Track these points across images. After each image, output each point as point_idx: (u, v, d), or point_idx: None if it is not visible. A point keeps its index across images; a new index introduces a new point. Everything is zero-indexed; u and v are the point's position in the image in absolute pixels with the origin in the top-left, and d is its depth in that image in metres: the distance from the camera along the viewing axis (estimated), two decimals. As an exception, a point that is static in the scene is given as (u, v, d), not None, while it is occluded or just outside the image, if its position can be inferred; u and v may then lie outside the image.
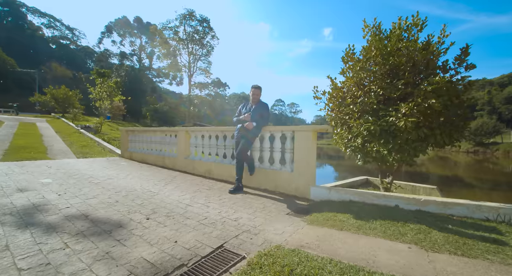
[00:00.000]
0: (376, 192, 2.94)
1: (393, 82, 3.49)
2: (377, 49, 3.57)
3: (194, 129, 5.23)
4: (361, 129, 3.42)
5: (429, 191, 5.35)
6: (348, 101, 3.76)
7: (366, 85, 3.87)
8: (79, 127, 14.06)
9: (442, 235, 2.05)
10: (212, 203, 2.98)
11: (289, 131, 3.67)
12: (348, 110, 3.77)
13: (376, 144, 3.42)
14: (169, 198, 3.10)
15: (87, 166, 5.32)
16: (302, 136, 3.46)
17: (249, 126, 3.60)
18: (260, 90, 3.80)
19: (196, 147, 5.13)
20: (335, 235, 2.11)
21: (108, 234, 1.96)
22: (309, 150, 3.39)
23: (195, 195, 3.29)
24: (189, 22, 47.89)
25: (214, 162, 4.65)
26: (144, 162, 6.40)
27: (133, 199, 3.01)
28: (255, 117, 3.66)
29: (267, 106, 3.89)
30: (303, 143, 3.45)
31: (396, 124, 3.18)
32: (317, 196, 3.27)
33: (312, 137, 3.38)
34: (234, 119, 3.93)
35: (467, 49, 3.19)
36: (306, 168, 3.41)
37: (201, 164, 4.89)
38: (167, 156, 5.72)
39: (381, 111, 3.48)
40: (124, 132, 7.29)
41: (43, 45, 58.12)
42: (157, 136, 6.21)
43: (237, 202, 3.05)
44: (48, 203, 2.66)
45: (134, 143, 6.98)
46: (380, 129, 3.28)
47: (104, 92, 22.42)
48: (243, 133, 3.71)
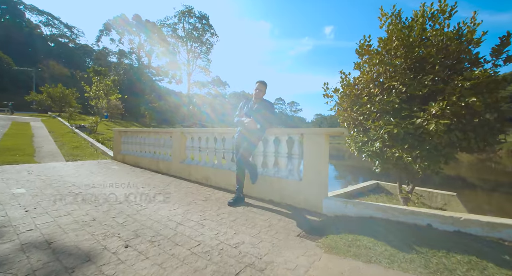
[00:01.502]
0: (401, 208, 2.48)
1: (417, 78, 3.01)
2: (398, 39, 3.08)
3: (190, 131, 4.76)
4: (381, 132, 2.95)
5: (448, 198, 4.89)
6: (364, 99, 3.28)
7: (383, 81, 3.40)
8: (73, 127, 13.57)
9: (502, 271, 1.59)
10: (208, 220, 2.52)
11: (297, 134, 3.20)
12: (365, 109, 3.30)
13: (399, 149, 2.94)
14: (157, 214, 2.64)
15: (73, 171, 4.85)
16: (313, 140, 3.00)
17: (251, 125, 3.13)
18: (266, 86, 3.33)
19: (192, 151, 4.67)
20: (364, 271, 1.65)
21: (69, 274, 1.50)
22: (321, 156, 2.93)
23: (188, 210, 2.82)
24: (187, 19, 47.24)
25: (212, 168, 4.19)
26: (137, 165, 5.94)
27: (114, 215, 2.54)
28: (258, 117, 3.20)
29: (272, 104, 3.41)
30: (314, 147, 2.99)
31: (424, 126, 2.71)
32: (331, 210, 2.81)
33: (324, 141, 2.92)
34: (234, 120, 3.46)
35: (509, 37, 2.71)
36: (317, 177, 2.95)
37: (197, 170, 4.43)
38: (161, 160, 5.25)
39: (403, 111, 3.01)
40: (116, 133, 6.82)
41: (41, 43, 57.47)
42: (150, 138, 5.74)
43: (238, 219, 2.58)
44: (7, 224, 2.19)
45: (127, 144, 6.51)
46: (404, 132, 2.80)
47: (101, 90, 21.88)
48: (245, 135, 3.24)
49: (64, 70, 46.98)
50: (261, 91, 3.28)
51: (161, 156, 5.38)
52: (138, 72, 46.11)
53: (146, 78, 47.88)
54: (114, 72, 37.67)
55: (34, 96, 24.80)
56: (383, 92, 3.34)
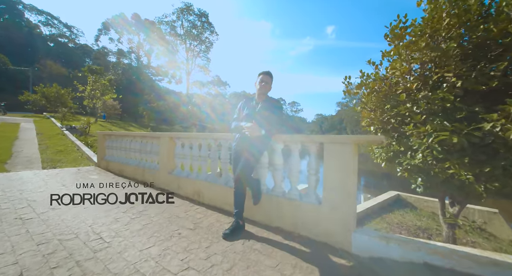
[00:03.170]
0: (475, 253, 1.69)
1: (478, 68, 2.23)
2: (452, 16, 2.30)
3: (180, 136, 3.98)
4: (431, 140, 2.16)
5: (487, 215, 4.09)
6: (402, 97, 2.50)
7: (428, 74, 2.61)
8: (64, 128, 12.82)
9: None
10: (193, 269, 1.74)
11: (315, 143, 2.42)
12: (403, 110, 2.51)
13: (455, 164, 2.16)
14: (123, 256, 1.87)
15: (40, 184, 4.08)
16: (336, 151, 2.22)
17: (253, 132, 2.35)
18: (272, 79, 2.55)
19: (183, 159, 3.89)
20: None
21: None
22: (347, 173, 2.16)
23: (168, 248, 2.05)
24: (186, 16, 46.39)
25: (205, 181, 3.41)
26: (121, 174, 5.17)
27: (57, 263, 1.77)
28: (262, 120, 2.42)
29: (280, 103, 2.64)
30: (338, 161, 2.21)
31: (497, 134, 1.92)
32: (364, 248, 2.03)
33: (352, 153, 2.14)
34: (231, 125, 2.68)
35: None
36: (342, 201, 2.17)
37: (188, 183, 3.65)
38: (147, 169, 4.48)
39: (458, 112, 2.22)
40: (100, 137, 6.04)
41: (41, 43, 56.96)
42: (136, 143, 4.97)
43: (235, 266, 1.81)
44: None
45: (112, 149, 5.73)
46: (468, 142, 2.02)
47: (97, 90, 21.12)
48: (245, 145, 2.46)
49: (62, 70, 46.30)
50: (267, 84, 2.50)
51: (148, 164, 4.61)
52: (137, 72, 45.40)
53: (145, 77, 47.16)
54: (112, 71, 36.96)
55: (27, 96, 24.04)
56: (425, 87, 2.56)
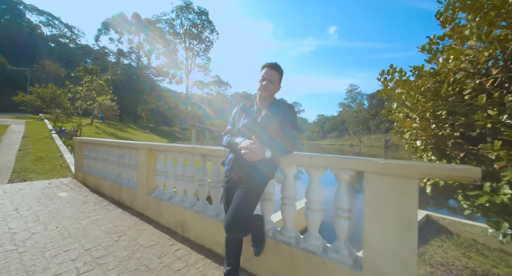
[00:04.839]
0: None
1: None
2: None
3: (162, 148, 3.14)
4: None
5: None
6: (481, 99, 1.64)
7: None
8: (53, 131, 12.04)
9: None
10: None
11: (348, 170, 1.57)
12: (482, 119, 1.65)
13: None
14: None
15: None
16: (390, 189, 1.37)
17: (254, 154, 1.49)
18: (280, 73, 1.71)
19: (165, 178, 3.07)
20: None
21: None
22: (408, 226, 1.31)
23: None
24: (186, 14, 45.54)
25: (191, 210, 2.57)
26: (97, 190, 4.35)
27: None
28: (265, 136, 1.58)
29: (293, 109, 1.76)
30: (393, 206, 1.36)
31: None
32: None
33: (415, 192, 1.29)
34: (223, 140, 1.83)
35: None
36: (396, 263, 1.33)
37: (170, 210, 2.82)
38: (125, 187, 3.65)
39: None
40: (77, 144, 5.22)
41: (42, 43, 56.64)
42: (114, 153, 4.14)
43: None
44: None
45: (89, 160, 4.91)
46: None
47: (93, 91, 20.36)
48: (243, 170, 1.63)
49: (61, 70, 45.75)
50: (271, 83, 1.66)
51: (126, 180, 3.78)
52: (137, 72, 44.72)
53: (145, 78, 46.48)
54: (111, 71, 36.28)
55: (22, 97, 23.32)
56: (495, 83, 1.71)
